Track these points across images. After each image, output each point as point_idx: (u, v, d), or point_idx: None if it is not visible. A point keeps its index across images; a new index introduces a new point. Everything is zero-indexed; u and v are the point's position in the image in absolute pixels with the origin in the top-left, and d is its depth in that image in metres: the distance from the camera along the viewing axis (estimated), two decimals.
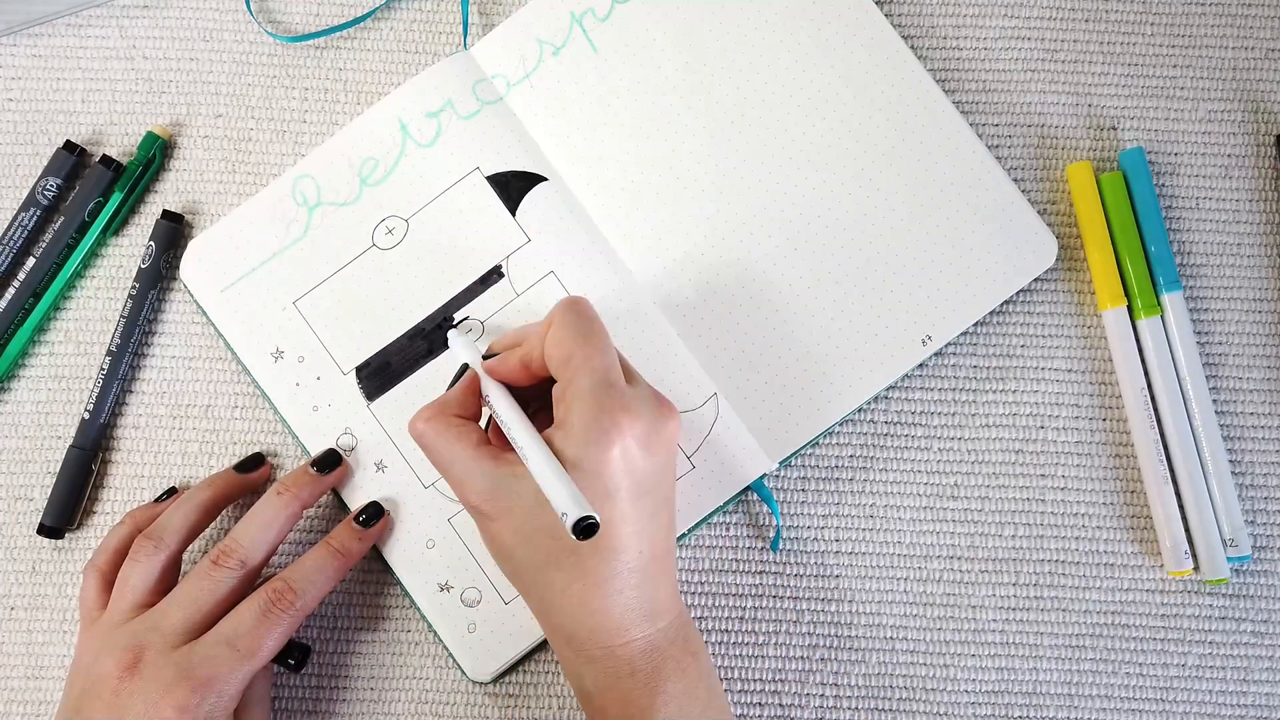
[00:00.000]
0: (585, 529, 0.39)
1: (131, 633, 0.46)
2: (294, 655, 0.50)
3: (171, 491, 0.53)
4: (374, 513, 0.51)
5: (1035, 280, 0.55)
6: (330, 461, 0.52)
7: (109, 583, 0.49)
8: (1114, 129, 0.56)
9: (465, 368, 0.49)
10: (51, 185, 0.54)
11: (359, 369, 0.53)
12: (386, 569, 0.53)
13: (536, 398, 0.48)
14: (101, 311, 0.55)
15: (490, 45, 0.55)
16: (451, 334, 0.52)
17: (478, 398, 0.48)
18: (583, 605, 0.44)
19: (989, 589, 0.54)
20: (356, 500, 0.52)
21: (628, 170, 0.54)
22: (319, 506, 0.54)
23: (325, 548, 0.50)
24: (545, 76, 0.54)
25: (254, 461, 0.53)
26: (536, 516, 0.44)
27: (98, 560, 0.50)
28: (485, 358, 0.49)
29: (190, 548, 0.51)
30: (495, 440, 0.47)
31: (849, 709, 0.53)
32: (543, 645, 0.53)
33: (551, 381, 0.46)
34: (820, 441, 0.54)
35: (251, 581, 0.49)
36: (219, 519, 0.53)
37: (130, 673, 0.45)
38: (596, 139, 0.54)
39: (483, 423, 0.49)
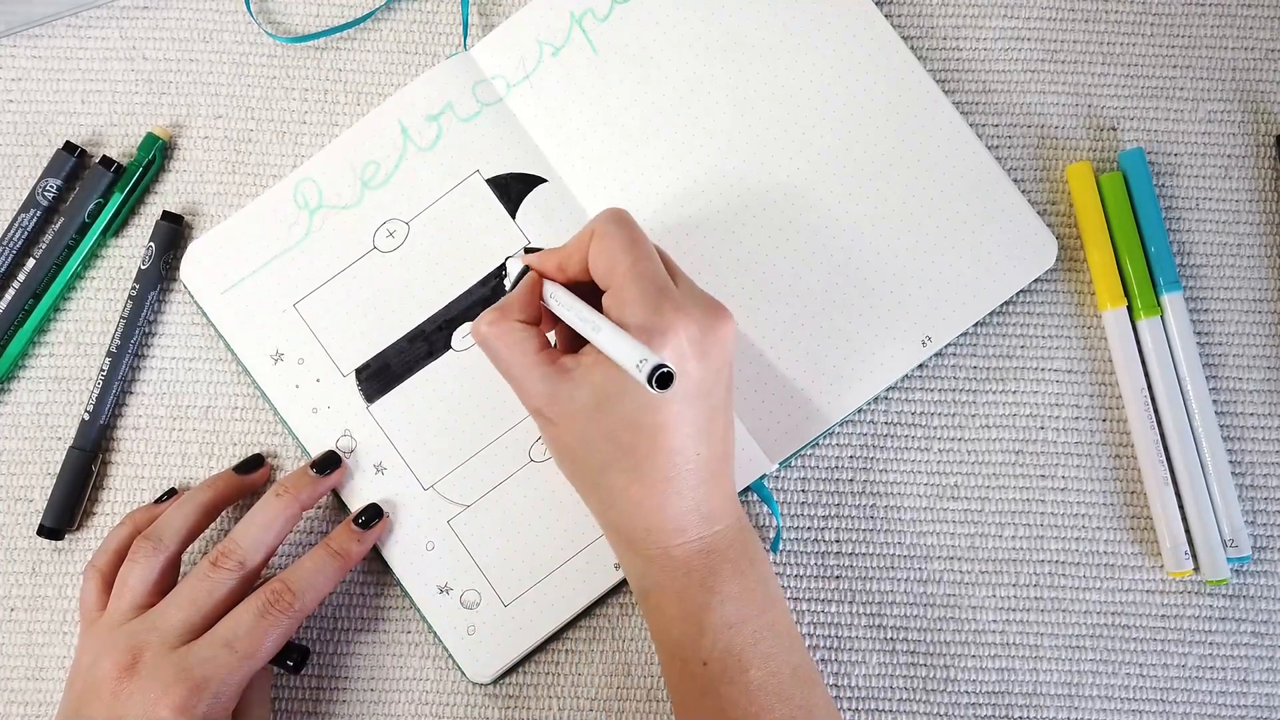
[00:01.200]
0: (661, 377, 0.38)
1: (130, 633, 0.47)
2: (293, 657, 0.50)
3: (171, 493, 0.53)
4: (373, 514, 0.51)
5: (1035, 281, 0.54)
6: (329, 463, 0.52)
7: (109, 583, 0.50)
8: (1114, 129, 0.56)
9: (525, 272, 0.48)
10: (51, 186, 0.54)
11: (359, 371, 0.53)
12: (386, 570, 0.53)
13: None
14: (101, 312, 0.55)
15: (490, 46, 0.55)
16: (511, 260, 0.51)
17: (539, 301, 0.47)
18: (640, 506, 0.44)
19: (989, 589, 0.54)
20: (356, 502, 0.53)
21: (627, 171, 0.54)
22: (318, 508, 0.54)
23: (324, 549, 0.50)
24: (545, 77, 0.54)
25: (253, 463, 0.53)
26: (596, 420, 0.44)
27: (98, 561, 0.50)
28: (527, 251, 0.49)
29: (190, 549, 0.51)
30: (561, 345, 0.47)
31: (849, 709, 0.53)
32: (542, 646, 0.53)
33: (593, 291, 0.46)
34: (820, 442, 0.54)
35: (251, 583, 0.49)
36: (218, 520, 0.53)
37: (129, 673, 0.45)
38: (596, 139, 0.54)
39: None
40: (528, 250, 0.49)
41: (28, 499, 0.54)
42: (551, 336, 0.49)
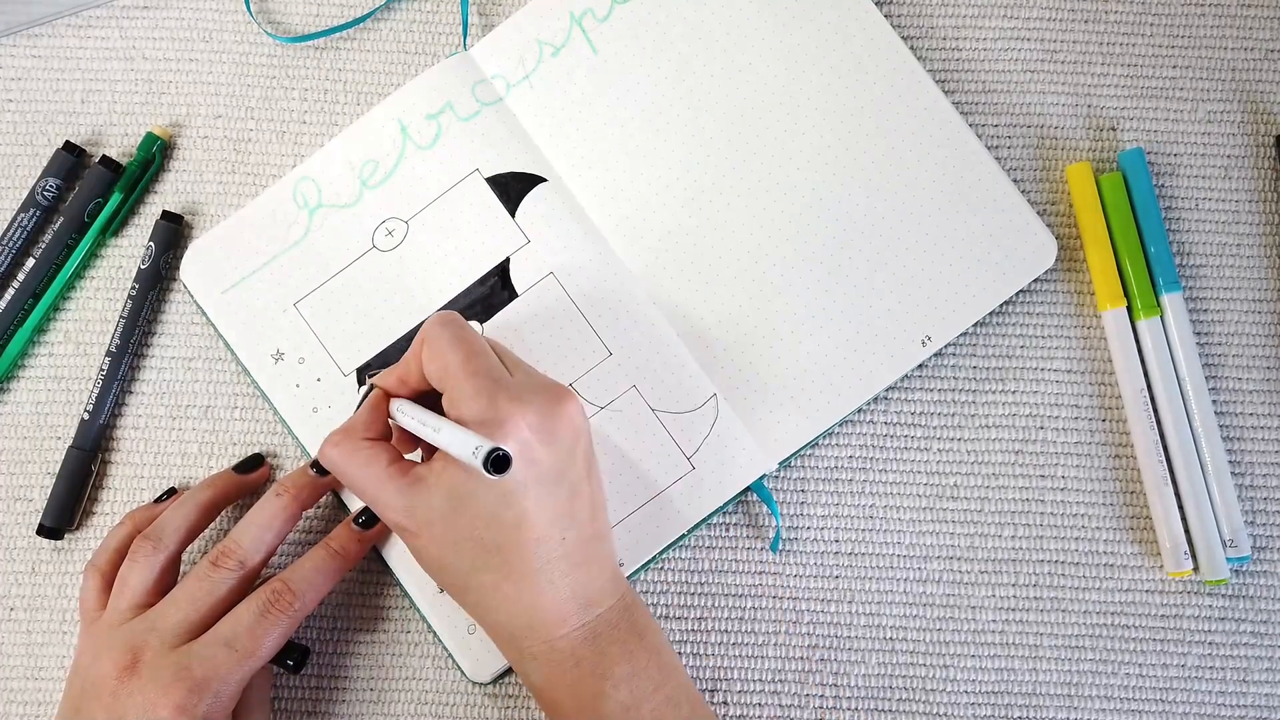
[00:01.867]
0: (497, 461, 0.39)
1: (130, 633, 0.46)
2: (293, 656, 0.50)
3: (171, 492, 0.53)
4: (373, 514, 0.51)
5: (1035, 281, 0.54)
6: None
7: (109, 583, 0.49)
8: (1114, 129, 0.56)
9: (370, 391, 0.49)
10: (51, 186, 0.54)
11: (359, 370, 0.53)
12: (386, 570, 0.53)
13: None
14: (101, 312, 0.55)
15: (490, 46, 0.55)
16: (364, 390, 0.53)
17: (384, 417, 0.48)
18: (516, 602, 0.44)
19: (988, 589, 0.54)
20: (356, 501, 0.52)
21: (627, 171, 0.54)
22: (318, 507, 0.54)
23: (324, 549, 0.50)
24: (545, 77, 0.54)
25: (253, 462, 0.53)
26: (455, 523, 0.44)
27: (98, 560, 0.50)
28: (370, 374, 0.50)
29: (189, 548, 0.51)
30: (404, 448, 0.48)
31: (849, 709, 0.53)
32: None
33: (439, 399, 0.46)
34: (820, 442, 0.54)
35: (250, 582, 0.49)
36: (218, 519, 0.53)
37: (129, 673, 0.45)
38: (596, 139, 0.54)
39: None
40: (370, 375, 0.50)
41: (28, 499, 0.54)
42: (417, 456, 0.49)
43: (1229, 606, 0.54)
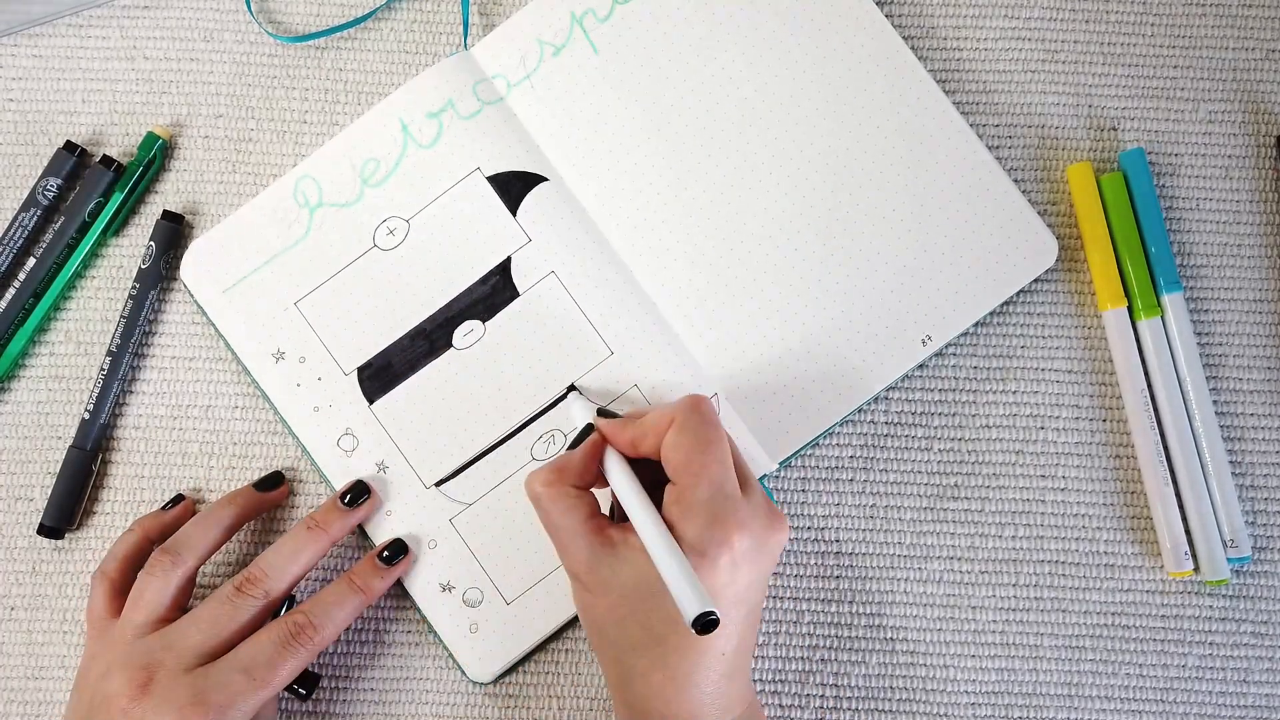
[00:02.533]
0: (705, 624, 0.39)
1: (146, 650, 0.46)
2: (304, 684, 0.50)
3: (178, 499, 0.53)
4: (397, 549, 0.51)
5: (1035, 281, 0.54)
6: (359, 493, 0.51)
7: (118, 591, 0.49)
8: (1114, 129, 0.56)
9: (588, 430, 0.49)
10: (52, 185, 0.54)
11: (360, 370, 0.53)
12: None
13: (645, 470, 0.48)
14: (102, 312, 0.55)
15: (491, 46, 0.55)
16: (574, 396, 0.52)
17: (597, 465, 0.48)
18: (660, 693, 0.44)
19: (989, 590, 0.54)
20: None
21: (628, 170, 0.54)
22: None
23: (347, 583, 0.50)
24: (546, 77, 0.54)
25: (274, 480, 0.53)
26: (633, 601, 0.44)
27: (106, 568, 0.50)
28: (601, 413, 0.49)
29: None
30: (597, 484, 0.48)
31: (849, 710, 0.53)
32: (543, 645, 0.53)
33: (658, 460, 0.46)
34: (820, 441, 0.54)
35: (272, 610, 0.49)
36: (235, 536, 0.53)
37: (142, 692, 0.45)
38: (597, 139, 0.54)
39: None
40: (601, 412, 0.49)
41: (28, 498, 0.54)
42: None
43: (1229, 607, 0.54)
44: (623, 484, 0.46)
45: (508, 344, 0.53)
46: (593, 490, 0.48)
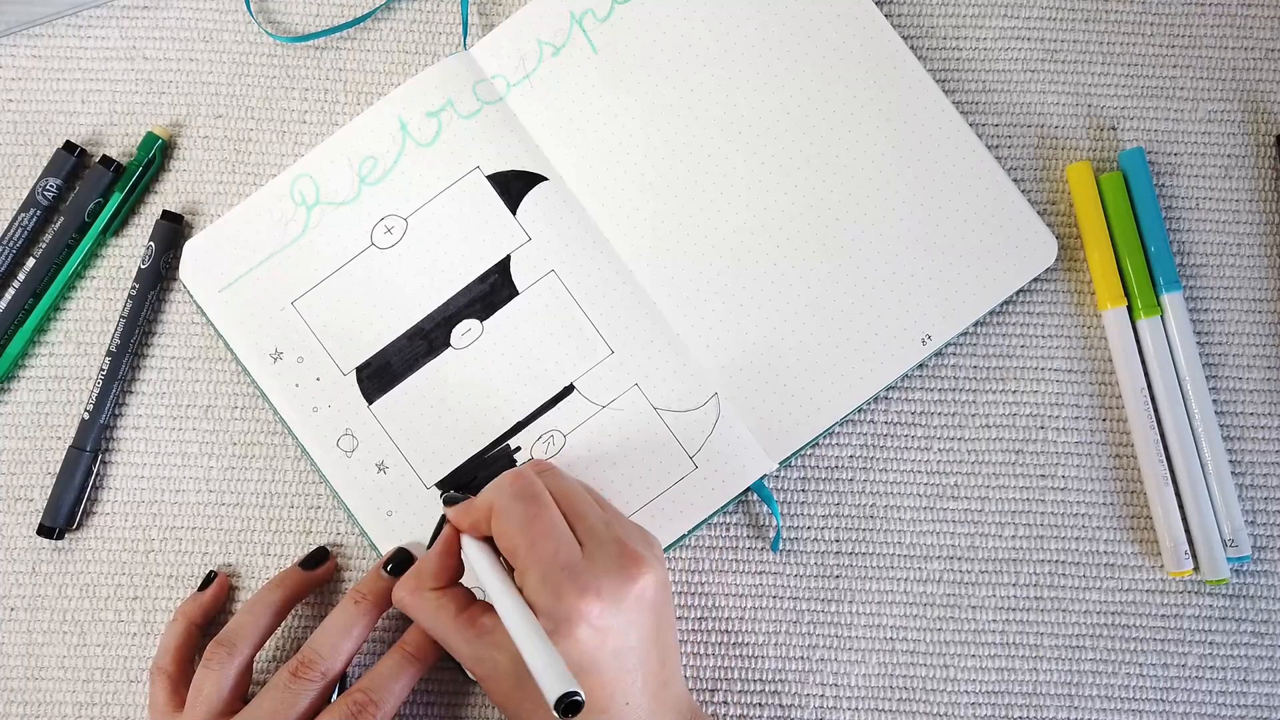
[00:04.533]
0: (569, 705, 0.39)
1: None
2: None
3: (211, 577, 0.53)
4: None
5: (1035, 280, 0.54)
6: (402, 562, 0.51)
7: (177, 685, 0.49)
8: (1114, 129, 0.56)
9: (443, 521, 0.49)
10: (51, 186, 0.54)
11: (359, 369, 0.53)
12: None
13: None
14: (101, 312, 0.55)
15: (490, 45, 0.55)
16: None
17: (456, 558, 0.48)
18: None
19: (989, 589, 0.54)
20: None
21: (628, 170, 0.54)
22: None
23: (400, 653, 0.49)
24: (545, 77, 0.54)
25: (319, 556, 0.53)
26: (523, 683, 0.44)
27: (161, 663, 0.50)
28: (449, 500, 0.50)
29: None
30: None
31: (849, 709, 0.53)
32: None
33: None
34: (820, 441, 0.54)
35: (330, 690, 0.49)
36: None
37: None
38: (597, 139, 0.54)
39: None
40: (448, 501, 0.50)
41: (28, 498, 0.54)
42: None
43: (1229, 606, 0.54)
44: (480, 568, 0.46)
45: (506, 343, 0.53)
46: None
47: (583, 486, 0.49)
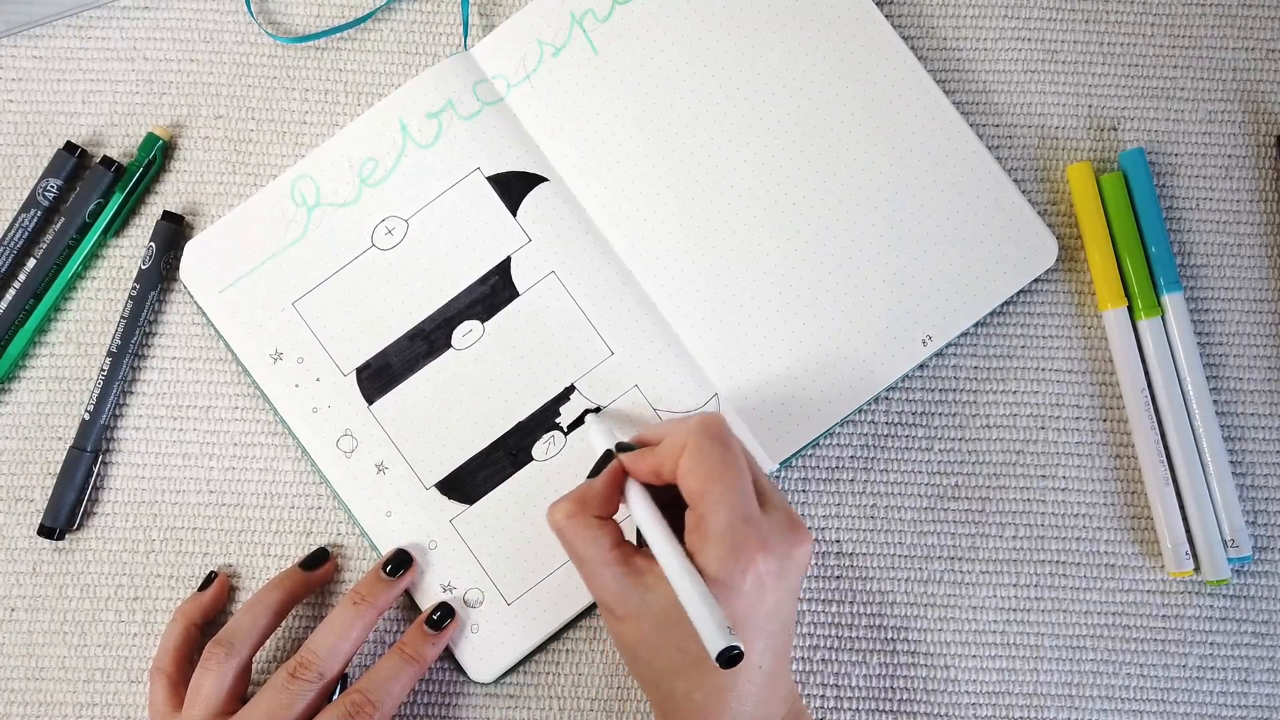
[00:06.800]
0: (730, 659, 0.39)
1: None
2: None
3: (211, 577, 0.53)
4: (445, 613, 0.51)
5: (1035, 281, 0.54)
6: (401, 562, 0.51)
7: (176, 685, 0.50)
8: (1114, 129, 0.56)
9: (607, 457, 0.48)
10: (52, 186, 0.54)
11: (359, 370, 0.53)
12: None
13: (670, 497, 0.47)
14: (102, 313, 0.55)
15: (490, 46, 0.55)
16: (592, 419, 0.52)
17: (619, 493, 0.47)
18: (702, 711, 0.44)
19: (989, 590, 0.54)
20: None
21: (628, 171, 0.54)
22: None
23: (399, 654, 0.49)
24: (546, 78, 0.54)
25: (318, 558, 0.53)
26: (665, 628, 0.44)
27: (161, 663, 0.50)
28: (620, 447, 0.48)
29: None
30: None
31: (849, 709, 0.53)
32: (544, 645, 0.53)
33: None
34: (820, 442, 0.54)
35: (329, 691, 0.49)
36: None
37: None
38: (597, 140, 0.54)
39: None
40: (620, 447, 0.48)
41: (28, 499, 0.54)
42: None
43: (1230, 606, 0.53)
44: (644, 517, 0.45)
45: (507, 344, 0.53)
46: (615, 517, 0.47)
47: None
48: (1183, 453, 0.53)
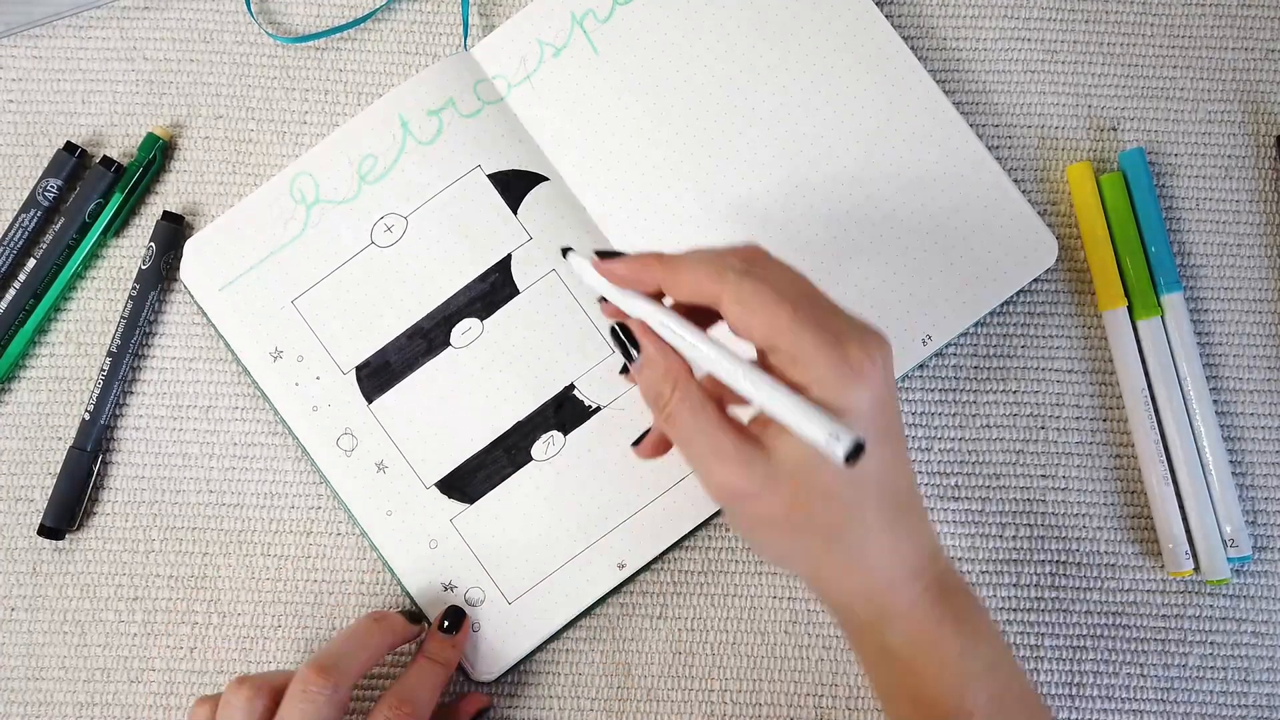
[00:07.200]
0: (856, 450, 0.35)
1: None
2: None
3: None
4: (455, 617, 0.51)
5: (1035, 281, 0.54)
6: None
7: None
8: (1114, 129, 0.56)
9: (619, 332, 0.42)
10: (52, 186, 0.54)
11: (359, 369, 0.53)
12: (388, 569, 0.53)
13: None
14: (102, 312, 0.55)
15: (491, 46, 0.55)
16: (574, 256, 0.44)
17: (672, 351, 0.41)
18: (848, 572, 0.41)
19: (990, 590, 0.54)
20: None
21: (628, 171, 0.54)
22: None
23: (425, 661, 0.50)
24: (546, 78, 0.54)
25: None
26: (796, 494, 0.39)
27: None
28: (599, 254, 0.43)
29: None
30: None
31: (849, 709, 0.53)
32: (544, 645, 0.53)
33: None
34: None
35: (344, 707, 0.47)
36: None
37: None
38: (597, 140, 0.54)
39: None
40: (601, 254, 0.42)
41: (28, 499, 0.54)
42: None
43: (1230, 606, 0.53)
44: (714, 350, 0.39)
45: (507, 342, 0.53)
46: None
47: None
48: (1182, 452, 0.53)
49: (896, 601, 0.41)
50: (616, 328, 0.42)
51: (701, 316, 0.42)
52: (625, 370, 0.46)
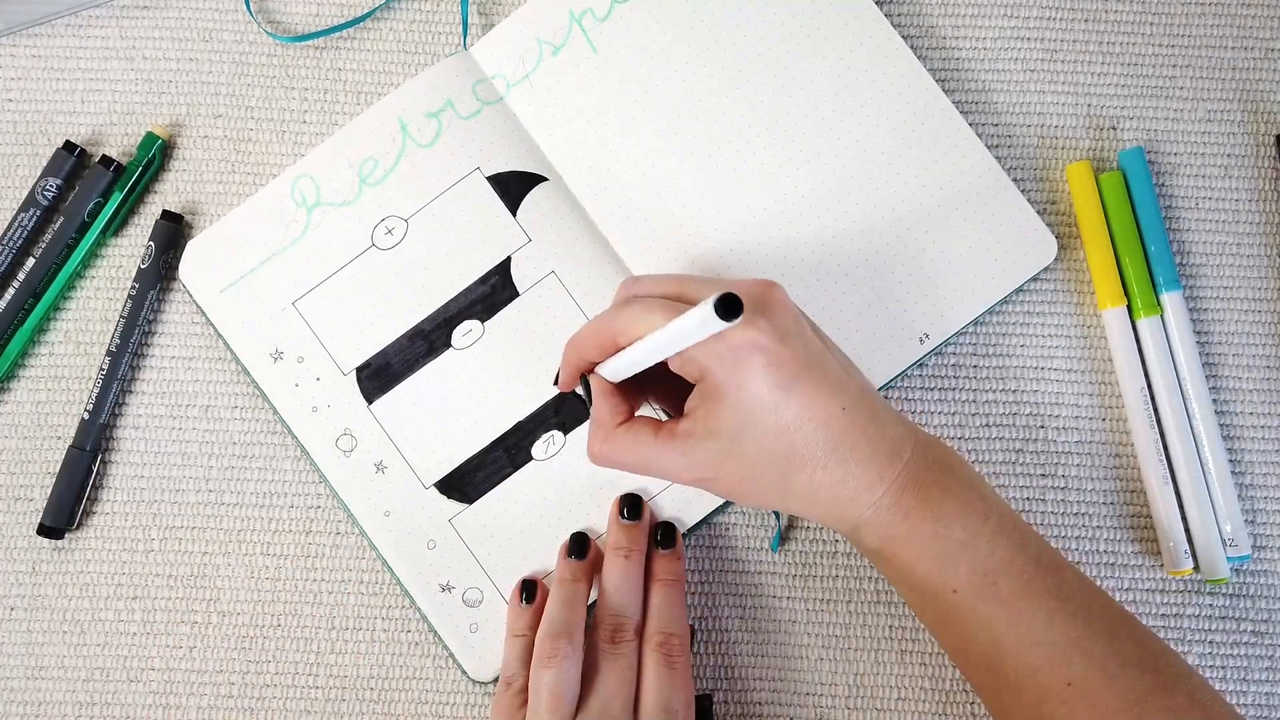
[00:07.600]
0: (728, 303, 0.36)
1: None
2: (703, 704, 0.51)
3: (532, 588, 0.52)
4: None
5: (1035, 280, 0.54)
6: (635, 503, 0.52)
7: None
8: (1114, 129, 0.56)
9: (587, 386, 0.49)
10: (51, 185, 0.54)
11: (359, 370, 0.53)
12: (387, 569, 0.53)
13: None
14: (101, 312, 0.55)
15: (490, 45, 0.55)
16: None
17: (618, 395, 0.48)
18: (828, 486, 0.44)
19: None
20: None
21: (627, 170, 0.54)
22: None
23: (661, 585, 0.50)
24: (545, 77, 0.54)
25: (583, 546, 0.52)
26: (744, 454, 0.44)
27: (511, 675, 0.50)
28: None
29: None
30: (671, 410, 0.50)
31: (849, 709, 0.53)
32: None
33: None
34: None
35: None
36: None
37: None
38: (596, 139, 0.54)
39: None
40: (584, 381, 0.49)
41: (28, 498, 0.54)
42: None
43: (1230, 605, 0.54)
44: (612, 365, 0.46)
45: (507, 344, 0.53)
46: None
47: None
48: (1182, 452, 0.53)
49: (860, 512, 0.45)
50: (582, 384, 0.49)
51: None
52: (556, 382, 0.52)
